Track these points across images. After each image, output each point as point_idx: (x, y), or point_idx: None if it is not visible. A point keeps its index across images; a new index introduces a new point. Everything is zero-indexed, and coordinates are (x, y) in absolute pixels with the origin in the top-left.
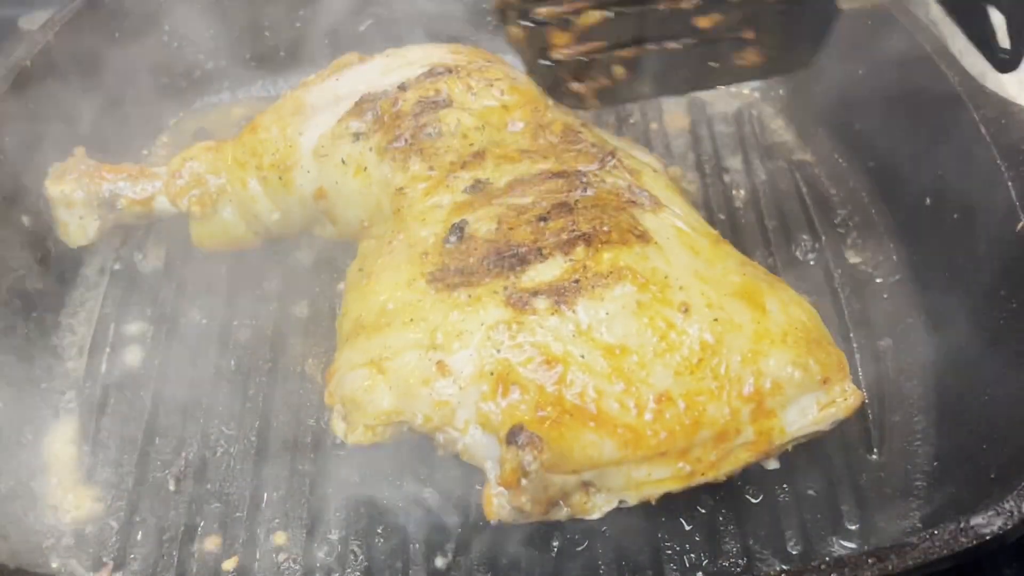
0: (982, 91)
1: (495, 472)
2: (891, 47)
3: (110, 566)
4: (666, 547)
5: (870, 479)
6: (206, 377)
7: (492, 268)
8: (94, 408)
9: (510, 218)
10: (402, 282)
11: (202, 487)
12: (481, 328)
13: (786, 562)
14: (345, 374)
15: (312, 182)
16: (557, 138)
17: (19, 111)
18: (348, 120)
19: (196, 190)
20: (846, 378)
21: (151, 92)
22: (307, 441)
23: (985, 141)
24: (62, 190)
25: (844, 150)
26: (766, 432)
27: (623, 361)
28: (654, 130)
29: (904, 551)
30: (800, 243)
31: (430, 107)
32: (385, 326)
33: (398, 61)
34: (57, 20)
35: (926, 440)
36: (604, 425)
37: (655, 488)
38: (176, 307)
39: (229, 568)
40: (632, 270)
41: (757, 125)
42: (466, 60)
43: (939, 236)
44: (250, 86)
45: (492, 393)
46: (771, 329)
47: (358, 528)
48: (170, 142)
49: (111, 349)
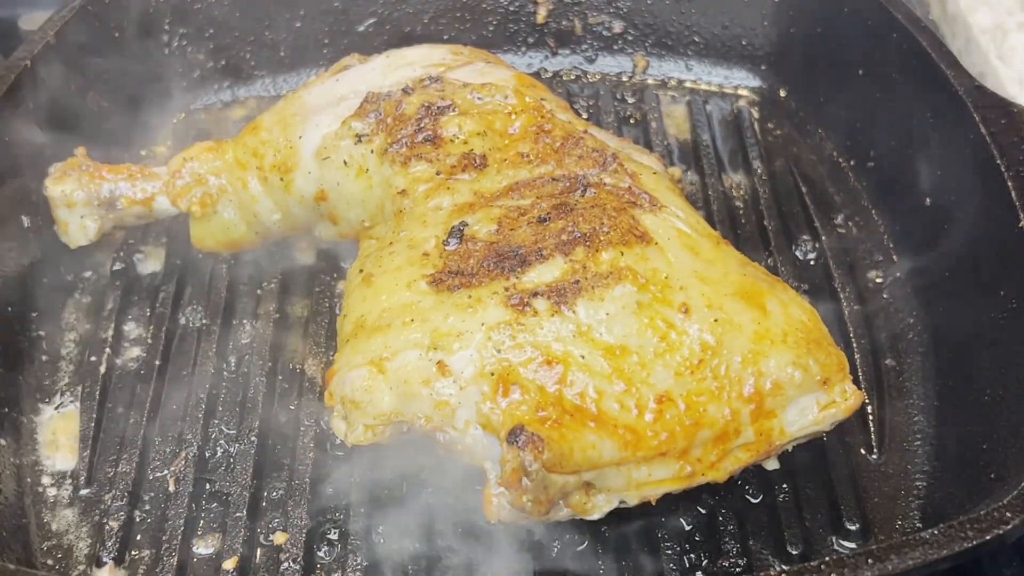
0: (982, 91)
1: (495, 472)
2: (891, 47)
3: (110, 566)
4: (666, 547)
5: (870, 479)
6: (206, 377)
7: (492, 269)
8: (94, 408)
9: (510, 219)
10: (403, 283)
11: (202, 487)
12: (482, 329)
13: (786, 562)
14: (345, 374)
15: (313, 183)
16: (558, 142)
17: (19, 111)
18: (351, 122)
19: (197, 190)
20: (846, 378)
21: (151, 92)
22: (307, 441)
23: (985, 141)
24: (62, 190)
25: (844, 150)
26: (766, 432)
27: (623, 361)
28: (654, 130)
29: (904, 551)
30: (800, 243)
31: (433, 111)
32: (385, 326)
33: (398, 61)
34: (57, 20)
35: (926, 440)
36: (604, 425)
37: (655, 488)
38: (176, 307)
39: (229, 568)
40: (632, 271)
41: (757, 125)
42: (466, 61)
43: (939, 236)
44: (250, 86)
45: (492, 393)
46: (771, 329)
47: (358, 528)
48: (170, 142)
49: (111, 349)
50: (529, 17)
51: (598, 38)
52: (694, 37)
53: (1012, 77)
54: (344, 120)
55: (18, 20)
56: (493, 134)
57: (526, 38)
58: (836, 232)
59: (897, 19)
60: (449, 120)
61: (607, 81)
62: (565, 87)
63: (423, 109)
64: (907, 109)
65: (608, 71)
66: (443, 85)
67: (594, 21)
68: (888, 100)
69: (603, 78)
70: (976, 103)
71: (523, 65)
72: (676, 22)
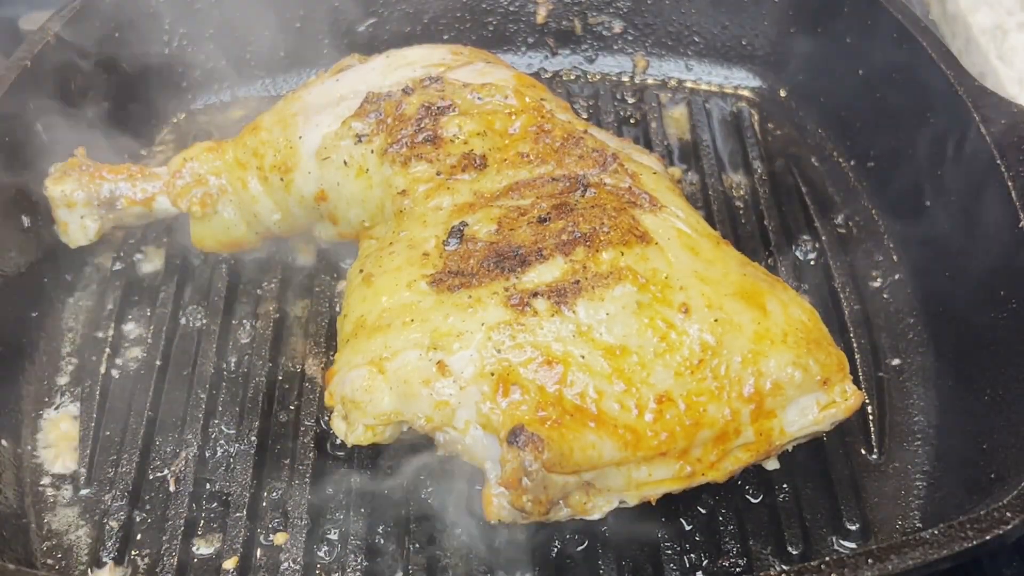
0: (982, 91)
1: (495, 472)
2: (891, 47)
3: (110, 566)
4: (666, 547)
5: (870, 479)
6: (206, 377)
7: (492, 269)
8: (94, 408)
9: (510, 219)
10: (403, 283)
11: (202, 487)
12: (482, 329)
13: (786, 562)
14: (345, 374)
15: (314, 183)
16: (558, 142)
17: (19, 111)
18: (351, 122)
19: (197, 190)
20: (846, 378)
21: (151, 92)
22: (307, 441)
23: (985, 141)
24: (62, 190)
25: (844, 150)
26: (766, 432)
27: (623, 361)
28: (654, 130)
29: (904, 551)
30: (800, 243)
31: (433, 111)
32: (386, 326)
33: (398, 61)
34: (57, 20)
35: (926, 440)
36: (604, 425)
37: (655, 488)
38: (176, 307)
39: (229, 568)
40: (632, 271)
41: (757, 125)
42: (466, 61)
43: (939, 236)
44: (250, 86)
45: (493, 393)
46: (771, 329)
47: (358, 528)
48: (170, 142)
49: (111, 349)
50: (529, 17)
51: (598, 38)
52: (694, 37)
53: (1012, 77)
54: (344, 120)
55: (18, 20)
56: (493, 134)
57: (526, 38)
58: (836, 232)
59: (897, 19)
60: (449, 120)
61: (607, 81)
62: (565, 87)
63: (423, 109)
64: (907, 109)
65: (608, 71)
66: (443, 85)
67: (594, 21)
68: (888, 100)
69: (603, 78)
70: (976, 103)
71: (523, 65)
72: (676, 22)
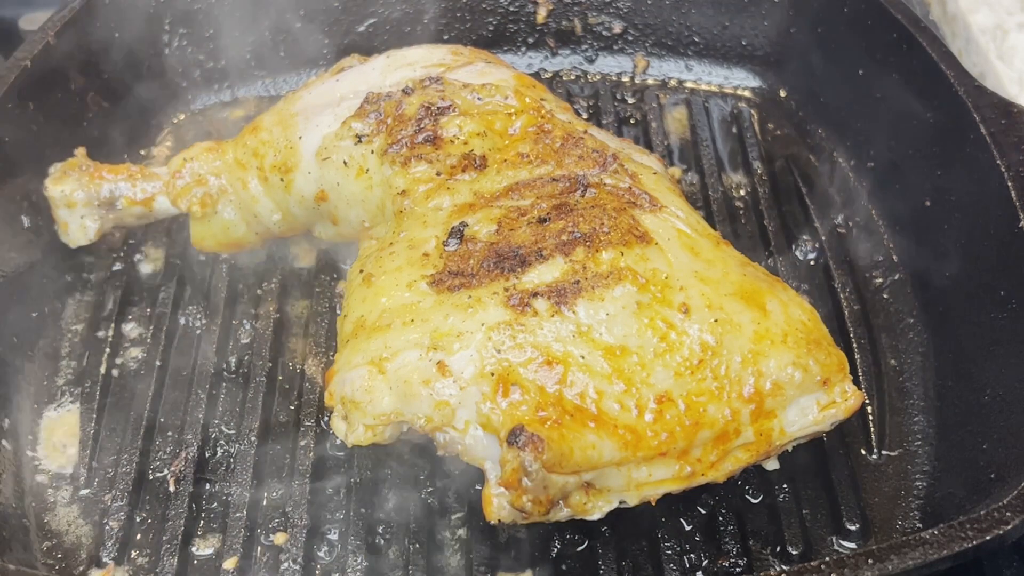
0: (982, 91)
1: (495, 472)
2: (891, 47)
3: (110, 566)
4: (666, 547)
5: (870, 479)
6: (206, 377)
7: (492, 269)
8: (94, 408)
9: (510, 220)
10: (403, 283)
11: (202, 487)
12: (482, 329)
13: (786, 562)
14: (345, 374)
15: (314, 183)
16: (558, 142)
17: (19, 111)
18: (351, 122)
19: (197, 190)
20: (846, 379)
21: (151, 92)
22: (307, 441)
23: (985, 141)
24: (62, 190)
25: (844, 150)
26: (766, 433)
27: (623, 362)
28: (654, 130)
29: (904, 551)
30: (800, 243)
31: (433, 111)
32: (386, 327)
33: (398, 61)
34: (57, 20)
35: (926, 440)
36: (604, 426)
37: (655, 488)
38: (175, 307)
39: (229, 568)
40: (632, 271)
41: (757, 125)
42: (466, 61)
43: (939, 236)
44: (250, 86)
45: (493, 393)
46: (771, 330)
47: (358, 528)
48: (170, 142)
49: (111, 349)
50: (529, 17)
51: (598, 38)
52: (694, 37)
53: (1012, 77)
54: (344, 120)
55: (18, 20)
56: (493, 134)
57: (526, 38)
58: (836, 232)
59: (897, 19)
60: (449, 120)
61: (607, 81)
62: (565, 87)
63: (423, 109)
64: (907, 109)
65: (608, 71)
66: (443, 85)
67: (594, 21)
68: (888, 100)
69: (603, 78)
70: (976, 103)
71: (523, 65)
72: (676, 22)
